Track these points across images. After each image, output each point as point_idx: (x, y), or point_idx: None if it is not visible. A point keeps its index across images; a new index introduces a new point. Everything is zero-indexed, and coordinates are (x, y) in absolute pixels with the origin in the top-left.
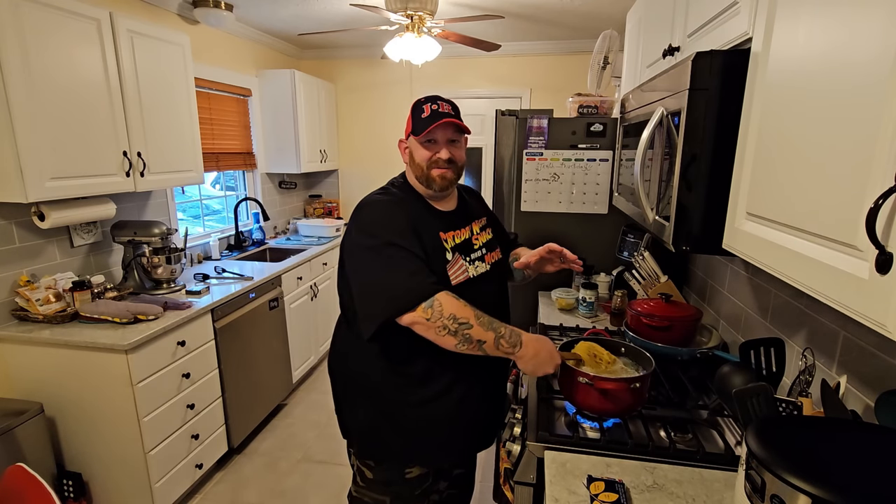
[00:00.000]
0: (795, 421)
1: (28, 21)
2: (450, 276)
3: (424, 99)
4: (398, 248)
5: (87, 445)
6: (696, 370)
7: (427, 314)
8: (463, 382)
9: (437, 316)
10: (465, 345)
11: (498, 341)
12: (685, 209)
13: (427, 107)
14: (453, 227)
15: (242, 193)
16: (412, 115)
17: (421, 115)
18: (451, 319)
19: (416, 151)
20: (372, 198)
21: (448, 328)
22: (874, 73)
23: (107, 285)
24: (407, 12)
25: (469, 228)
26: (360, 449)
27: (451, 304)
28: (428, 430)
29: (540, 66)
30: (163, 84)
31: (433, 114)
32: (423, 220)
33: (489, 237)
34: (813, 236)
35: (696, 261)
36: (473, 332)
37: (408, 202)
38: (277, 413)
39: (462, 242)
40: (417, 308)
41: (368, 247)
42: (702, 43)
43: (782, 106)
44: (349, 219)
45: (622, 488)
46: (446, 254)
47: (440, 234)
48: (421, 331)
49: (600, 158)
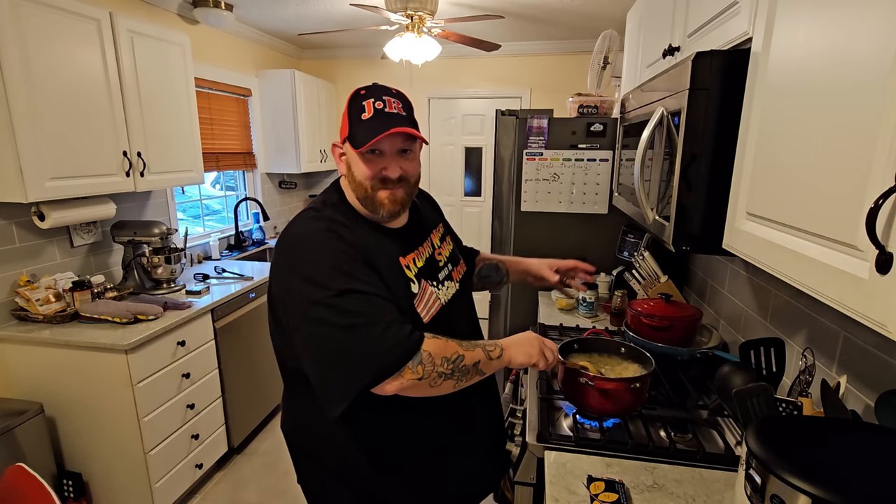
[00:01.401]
0: (795, 421)
1: (28, 21)
2: (420, 313)
3: (365, 91)
4: (357, 296)
5: (87, 445)
6: (696, 370)
7: (418, 373)
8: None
9: (430, 370)
10: (463, 380)
11: (486, 352)
12: (685, 209)
13: (369, 104)
14: (411, 246)
15: (242, 193)
16: (348, 114)
17: (361, 116)
18: (444, 363)
19: (355, 165)
20: (304, 228)
21: (444, 374)
22: (874, 73)
23: (107, 285)
24: (407, 12)
25: (429, 242)
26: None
27: (437, 347)
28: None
29: (540, 66)
30: (163, 84)
31: (377, 115)
32: (375, 247)
33: (451, 247)
34: (813, 236)
35: (696, 261)
36: (466, 360)
37: (351, 227)
38: (277, 413)
39: (425, 264)
40: (404, 371)
41: (317, 301)
42: (702, 43)
43: (782, 106)
44: (275, 254)
45: (622, 488)
46: (411, 285)
47: (399, 259)
48: (413, 393)
49: (600, 158)
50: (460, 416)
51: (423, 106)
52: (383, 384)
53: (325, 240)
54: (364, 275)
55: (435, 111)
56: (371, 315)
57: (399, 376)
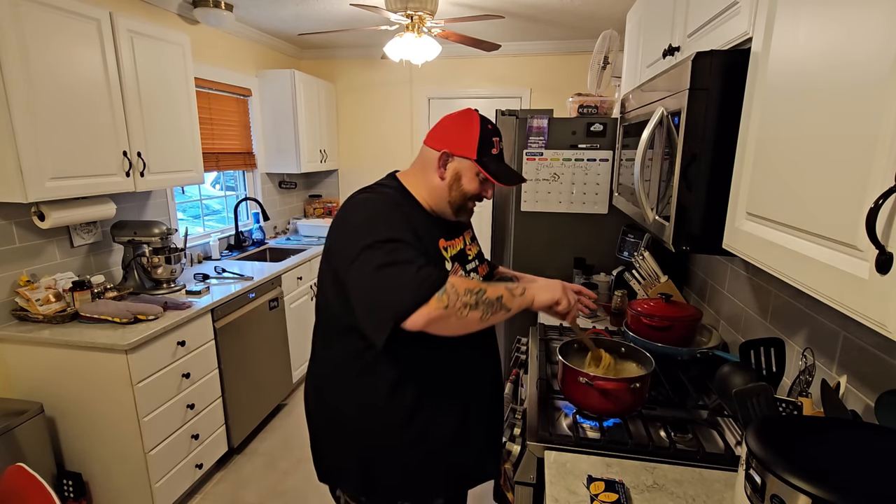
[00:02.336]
0: (795, 421)
1: (28, 21)
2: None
3: (492, 127)
4: (399, 244)
5: (87, 445)
6: (696, 370)
7: (444, 302)
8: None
9: (455, 299)
10: (489, 312)
11: (510, 290)
12: (685, 209)
13: (497, 141)
14: (450, 235)
15: (242, 193)
16: (480, 144)
17: (491, 151)
18: (468, 294)
19: (468, 180)
20: (363, 196)
21: (469, 304)
22: (874, 73)
23: (107, 285)
24: (407, 12)
25: (462, 239)
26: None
27: (461, 281)
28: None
29: (540, 66)
30: (163, 84)
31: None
32: (422, 225)
33: (478, 249)
34: (813, 236)
35: (696, 261)
36: (489, 293)
37: (405, 205)
38: (277, 413)
39: (458, 253)
40: (431, 301)
41: (368, 245)
42: (702, 43)
43: (782, 106)
44: (336, 218)
45: (622, 488)
46: (446, 263)
47: (440, 241)
48: (441, 325)
49: (600, 158)
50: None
51: (423, 106)
52: (414, 315)
53: (382, 204)
54: (408, 234)
55: (435, 111)
56: (407, 259)
57: (427, 306)
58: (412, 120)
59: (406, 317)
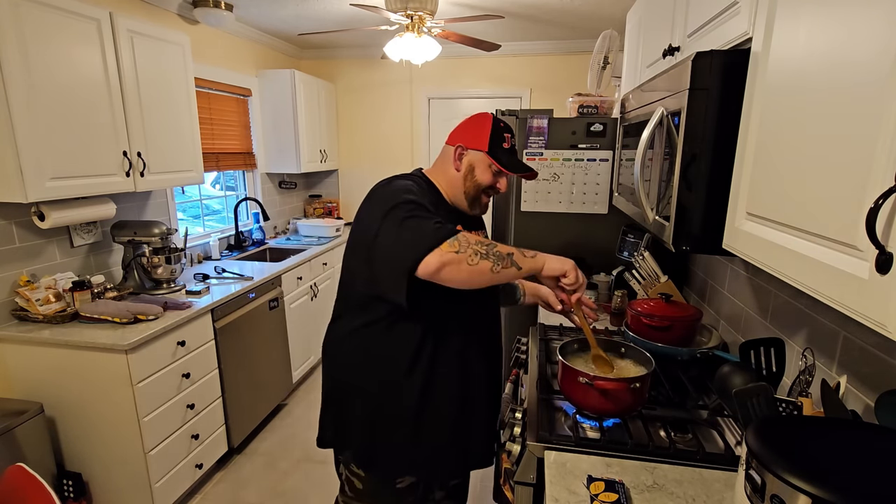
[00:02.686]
0: (795, 421)
1: (28, 21)
2: None
3: (504, 125)
4: (419, 206)
5: (87, 445)
6: (696, 370)
7: (454, 247)
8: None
9: (465, 245)
10: (499, 263)
11: (521, 251)
12: (685, 209)
13: (508, 137)
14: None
15: (242, 193)
16: (492, 137)
17: (502, 144)
18: (479, 244)
19: (481, 171)
20: (391, 178)
21: (480, 252)
22: (874, 73)
23: (107, 285)
24: (407, 12)
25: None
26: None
27: (472, 235)
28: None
29: (540, 66)
30: (163, 84)
31: (513, 150)
32: (444, 212)
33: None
34: (813, 236)
35: (696, 261)
36: (500, 248)
37: (430, 194)
38: (277, 413)
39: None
40: (443, 246)
41: (390, 207)
42: (702, 43)
43: (782, 105)
44: (366, 199)
45: (622, 488)
46: None
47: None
48: (453, 270)
49: (600, 158)
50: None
51: (423, 106)
52: (428, 257)
53: (405, 182)
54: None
55: (435, 111)
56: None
57: (439, 249)
58: (412, 120)
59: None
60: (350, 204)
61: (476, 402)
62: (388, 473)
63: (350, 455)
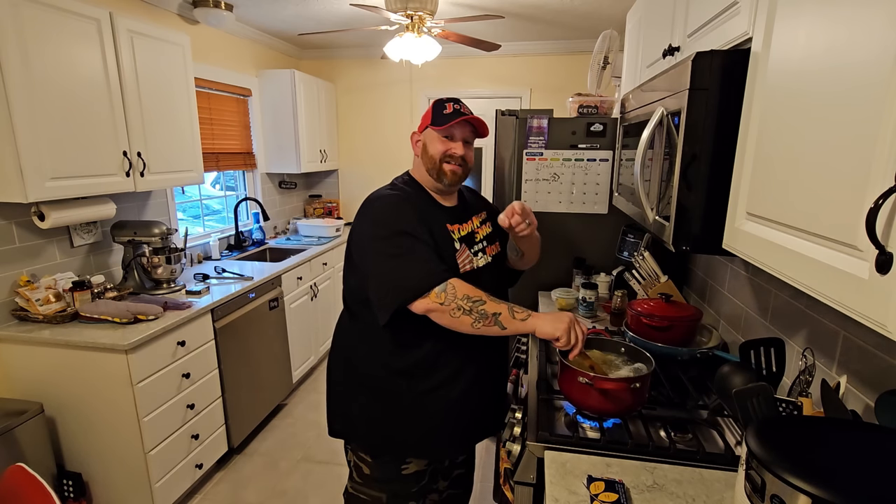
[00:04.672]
0: (795, 421)
1: (28, 21)
2: (458, 265)
3: (447, 98)
4: (410, 237)
5: (87, 445)
6: (696, 370)
7: (441, 298)
8: (463, 373)
9: (451, 298)
10: (481, 322)
11: (512, 311)
12: (685, 209)
13: (450, 105)
14: (457, 220)
15: (242, 193)
16: (433, 110)
17: (443, 111)
18: (465, 299)
19: (431, 144)
20: (380, 193)
21: (463, 308)
22: (874, 73)
23: (107, 285)
24: (407, 12)
25: (471, 222)
26: (359, 441)
27: (463, 286)
28: (428, 420)
29: (540, 66)
30: (163, 84)
31: (455, 112)
32: (431, 213)
33: (489, 230)
34: (813, 236)
35: (696, 261)
36: (487, 307)
37: (415, 197)
38: (277, 413)
39: (466, 235)
40: (431, 294)
41: (381, 237)
42: (702, 43)
43: (782, 106)
44: (357, 214)
45: (622, 488)
46: (454, 243)
47: (447, 225)
48: (437, 317)
49: (600, 158)
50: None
51: (423, 106)
52: (415, 302)
53: (395, 200)
54: (418, 227)
55: None
56: (415, 253)
57: (426, 297)
58: (412, 120)
59: (409, 302)
60: (350, 204)
61: (483, 383)
62: (395, 458)
63: (358, 442)
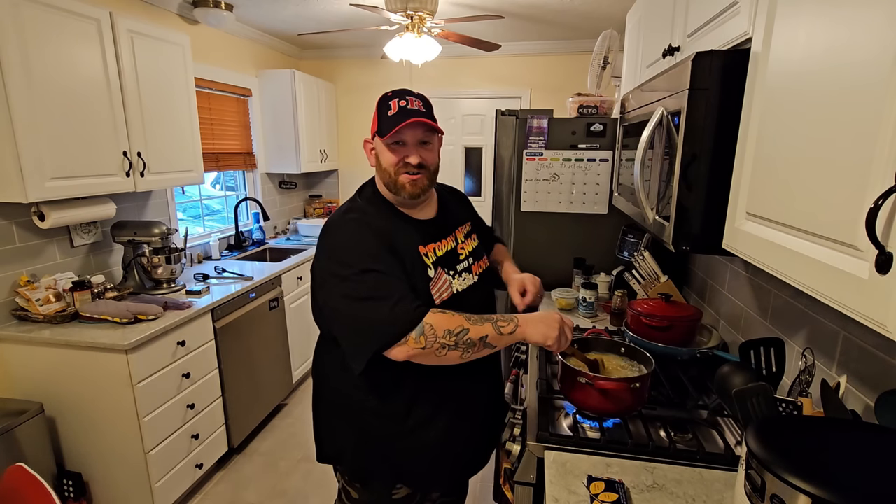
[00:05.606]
0: (795, 421)
1: (28, 21)
2: (433, 295)
3: (391, 93)
4: (375, 275)
5: (87, 445)
6: (696, 370)
7: (421, 343)
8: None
9: (432, 340)
10: (469, 351)
11: (497, 327)
12: (685, 209)
13: (394, 102)
14: (433, 238)
15: (242, 193)
16: (377, 112)
17: (387, 113)
18: (447, 335)
19: (382, 154)
20: (338, 219)
21: (447, 345)
22: (874, 73)
23: (107, 285)
24: (407, 12)
25: (453, 237)
26: (347, 470)
27: (441, 321)
28: (414, 457)
29: (540, 66)
30: (163, 84)
31: (401, 111)
32: (399, 234)
33: (475, 244)
34: (813, 236)
35: (696, 261)
36: (472, 333)
37: (379, 217)
38: (277, 413)
39: (445, 254)
40: (408, 339)
41: (343, 277)
42: (702, 43)
43: (782, 106)
44: (317, 243)
45: (622, 488)
46: (428, 270)
47: (419, 248)
48: (421, 361)
49: (600, 158)
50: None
51: None
52: (391, 350)
53: (355, 228)
54: (384, 258)
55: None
56: (384, 292)
57: (404, 344)
58: None
59: (383, 351)
60: None
61: (471, 412)
62: (382, 487)
63: (346, 467)
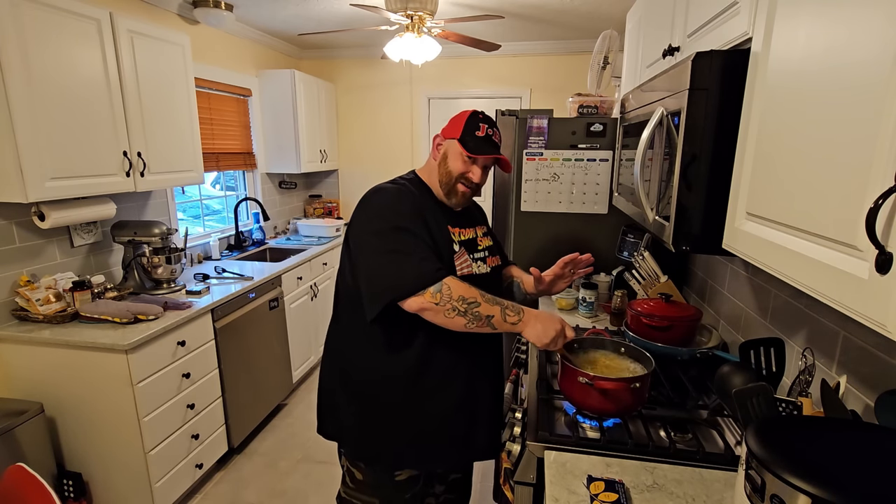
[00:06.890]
0: (795, 421)
1: (28, 21)
2: (456, 267)
3: (483, 116)
4: (407, 233)
5: (87, 445)
6: (696, 370)
7: (436, 299)
8: (458, 373)
9: (447, 299)
10: (474, 323)
11: (504, 313)
12: (685, 209)
13: (484, 127)
14: (460, 224)
15: (242, 193)
16: (466, 124)
17: (475, 132)
18: (460, 300)
19: (452, 159)
20: (381, 186)
21: (458, 309)
22: (874, 73)
23: (107, 285)
24: (407, 12)
25: (474, 230)
26: (351, 450)
27: (458, 286)
28: (421, 430)
29: (540, 66)
30: (163, 84)
31: (487, 139)
32: (433, 212)
33: (490, 243)
34: (813, 236)
35: (696, 261)
36: (482, 308)
37: (418, 193)
38: (277, 413)
39: (468, 240)
40: (426, 293)
41: (377, 230)
42: (702, 43)
43: (782, 106)
44: (356, 207)
45: (622, 488)
46: (454, 245)
47: (448, 227)
48: (430, 316)
49: (600, 158)
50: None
51: (423, 106)
52: (407, 300)
53: (394, 192)
54: (416, 222)
55: (435, 111)
56: (411, 249)
57: (420, 296)
58: (412, 120)
59: (401, 299)
60: (350, 204)
61: (477, 395)
62: (387, 467)
63: (349, 449)
